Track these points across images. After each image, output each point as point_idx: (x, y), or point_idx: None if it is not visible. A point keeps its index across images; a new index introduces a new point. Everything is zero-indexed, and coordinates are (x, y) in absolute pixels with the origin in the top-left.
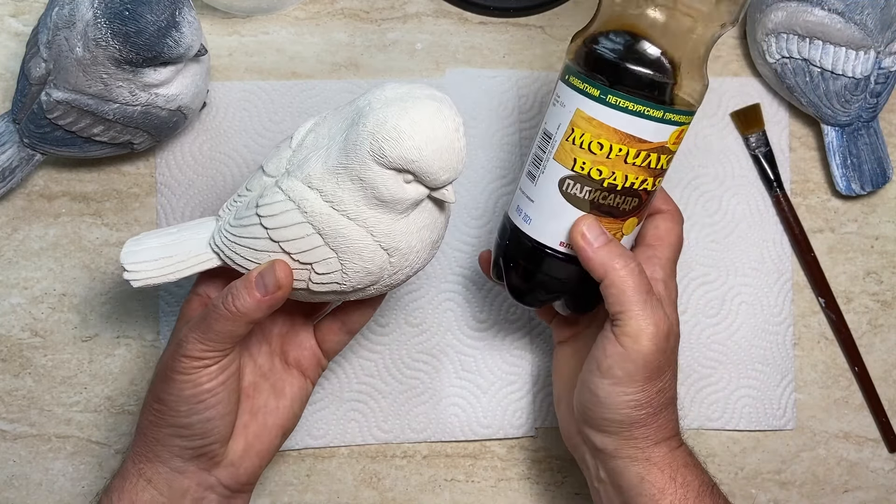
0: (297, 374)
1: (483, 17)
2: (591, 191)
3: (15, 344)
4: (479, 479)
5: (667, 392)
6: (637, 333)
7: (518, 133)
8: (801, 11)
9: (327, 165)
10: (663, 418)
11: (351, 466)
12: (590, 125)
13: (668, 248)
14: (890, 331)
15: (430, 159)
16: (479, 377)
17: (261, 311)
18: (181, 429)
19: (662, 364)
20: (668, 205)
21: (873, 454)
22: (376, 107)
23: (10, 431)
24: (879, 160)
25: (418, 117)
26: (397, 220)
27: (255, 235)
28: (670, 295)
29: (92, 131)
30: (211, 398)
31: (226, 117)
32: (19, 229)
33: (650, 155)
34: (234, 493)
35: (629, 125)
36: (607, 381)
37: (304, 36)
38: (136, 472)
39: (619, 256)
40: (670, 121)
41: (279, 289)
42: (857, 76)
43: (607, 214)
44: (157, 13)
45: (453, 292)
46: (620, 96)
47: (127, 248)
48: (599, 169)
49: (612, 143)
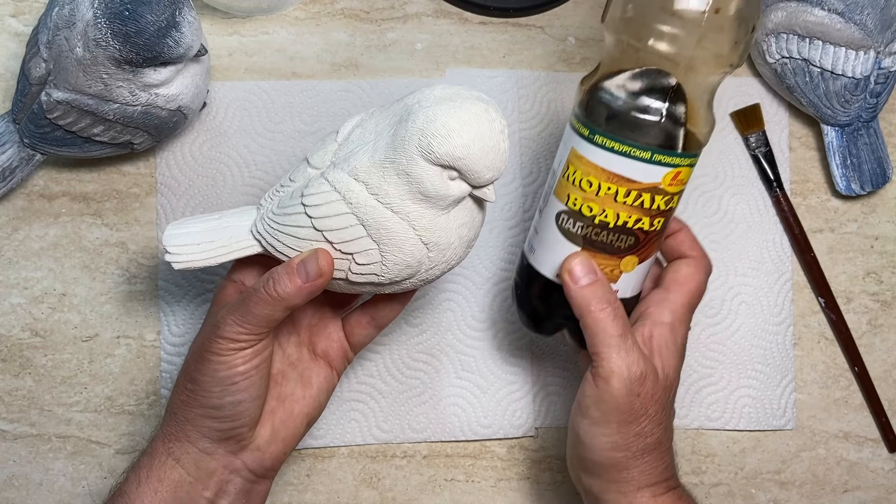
0: (324, 364)
1: (483, 17)
2: (583, 226)
3: (15, 344)
4: (479, 479)
5: (647, 437)
6: (608, 376)
7: (518, 133)
8: (800, 11)
9: (374, 159)
10: (646, 463)
11: (351, 466)
12: (581, 163)
13: (684, 293)
14: (890, 331)
15: (476, 157)
16: (479, 377)
17: (300, 297)
18: (212, 409)
19: (637, 408)
20: (695, 251)
21: (873, 454)
22: (426, 105)
23: (10, 431)
24: (879, 160)
25: (467, 117)
26: (438, 216)
27: (299, 224)
28: (676, 341)
29: (92, 131)
30: (244, 381)
31: (226, 117)
32: (19, 229)
33: (642, 195)
34: (258, 479)
35: (616, 165)
36: (586, 420)
37: (304, 36)
38: (164, 451)
39: (598, 298)
40: (661, 162)
41: (320, 276)
42: (856, 76)
43: (601, 251)
44: (157, 13)
45: (453, 292)
46: (606, 136)
47: (169, 232)
48: (590, 206)
49: (600, 182)
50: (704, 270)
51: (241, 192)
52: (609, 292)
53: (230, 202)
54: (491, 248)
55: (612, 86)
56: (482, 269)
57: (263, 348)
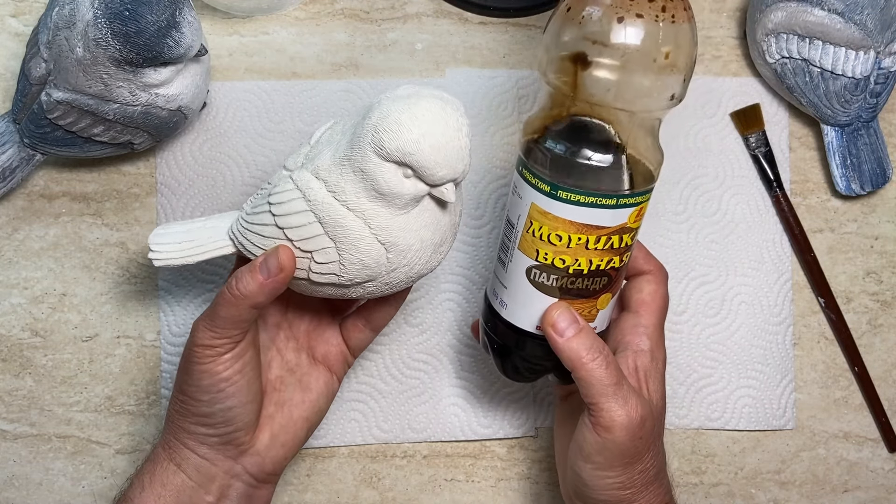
0: (323, 369)
1: (483, 17)
2: (558, 278)
3: (15, 344)
4: (479, 479)
5: (650, 470)
6: (610, 425)
7: (518, 133)
8: (800, 11)
9: (334, 157)
10: (650, 493)
11: (351, 466)
12: (546, 218)
13: (654, 313)
14: (890, 331)
15: (427, 154)
16: (479, 377)
17: (263, 295)
18: (204, 417)
19: (641, 449)
20: (650, 264)
21: (873, 454)
22: (384, 102)
23: (10, 431)
24: (879, 160)
25: (420, 112)
26: (396, 216)
27: (265, 222)
28: (657, 366)
29: (92, 131)
30: (229, 387)
31: (226, 117)
32: (19, 229)
33: (611, 237)
34: (260, 483)
35: (584, 216)
36: (590, 465)
37: (304, 36)
38: (166, 457)
39: (587, 349)
40: (626, 204)
41: (281, 271)
42: (856, 76)
43: (578, 297)
44: (157, 13)
45: (453, 292)
46: (570, 191)
47: (155, 231)
48: (562, 258)
49: (570, 234)
50: (664, 282)
51: (241, 192)
52: (595, 340)
53: (230, 202)
54: (491, 248)
55: (557, 138)
56: (482, 269)
57: (243, 352)
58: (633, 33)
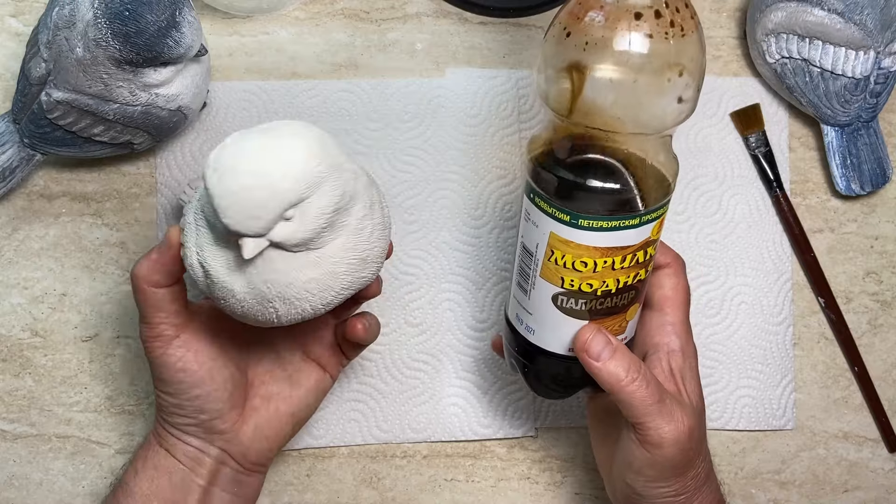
0: (315, 366)
1: (483, 17)
2: (587, 302)
3: (15, 344)
4: (479, 479)
5: (701, 474)
6: (659, 442)
7: (518, 133)
8: (800, 11)
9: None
10: (703, 494)
11: (351, 466)
12: (567, 247)
13: (678, 308)
14: (890, 331)
15: (218, 199)
16: (479, 377)
17: (157, 272)
18: (176, 407)
19: (691, 457)
20: (667, 256)
21: (873, 454)
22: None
23: (10, 431)
24: (879, 160)
25: (230, 151)
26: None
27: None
28: (690, 364)
29: (92, 131)
30: (188, 377)
31: (226, 117)
32: (19, 229)
33: (636, 254)
34: (247, 471)
35: (608, 240)
36: (642, 478)
37: (304, 36)
38: (157, 443)
39: (626, 370)
40: (649, 220)
41: (170, 249)
42: (856, 76)
43: (608, 315)
44: (157, 13)
45: (453, 292)
46: (592, 218)
47: None
48: (590, 283)
49: (595, 259)
50: (683, 272)
51: None
52: (632, 359)
53: None
54: (491, 248)
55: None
56: (482, 269)
57: (191, 341)
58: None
